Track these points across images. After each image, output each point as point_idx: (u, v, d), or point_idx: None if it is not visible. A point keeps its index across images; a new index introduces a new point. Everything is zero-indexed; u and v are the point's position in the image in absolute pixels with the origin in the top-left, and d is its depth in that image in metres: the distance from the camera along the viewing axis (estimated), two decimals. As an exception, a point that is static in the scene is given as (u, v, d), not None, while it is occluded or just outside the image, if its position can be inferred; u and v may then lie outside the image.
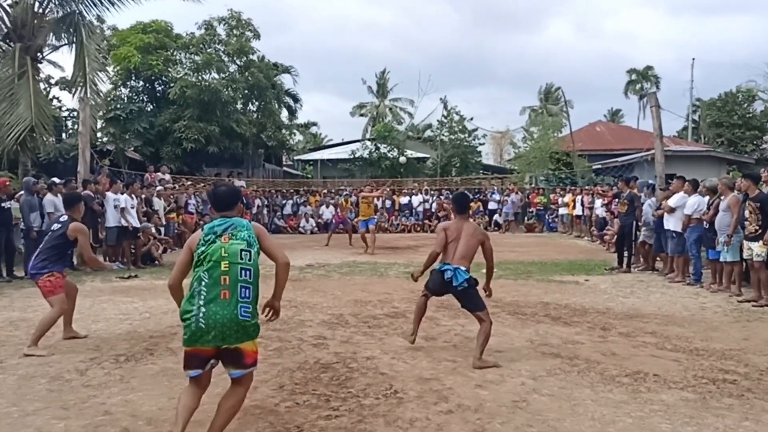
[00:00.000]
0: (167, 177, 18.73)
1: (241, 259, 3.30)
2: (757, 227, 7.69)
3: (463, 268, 5.17)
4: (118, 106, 24.02)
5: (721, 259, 8.63)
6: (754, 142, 28.41)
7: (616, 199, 12.93)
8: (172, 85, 24.51)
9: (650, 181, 13.04)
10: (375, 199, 16.70)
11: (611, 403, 4.11)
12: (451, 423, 3.78)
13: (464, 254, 5.24)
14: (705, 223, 9.09)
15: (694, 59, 51.09)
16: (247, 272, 3.30)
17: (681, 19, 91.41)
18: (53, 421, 3.80)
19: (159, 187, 15.17)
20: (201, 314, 3.21)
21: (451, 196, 6.03)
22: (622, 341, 5.89)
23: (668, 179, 12.56)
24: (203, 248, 3.34)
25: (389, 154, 30.59)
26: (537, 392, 4.36)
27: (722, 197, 8.67)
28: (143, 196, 13.07)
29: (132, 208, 11.57)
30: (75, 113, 21.94)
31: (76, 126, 23.05)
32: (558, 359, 5.23)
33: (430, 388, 4.44)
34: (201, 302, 3.22)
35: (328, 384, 4.54)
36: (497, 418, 3.85)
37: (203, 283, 3.25)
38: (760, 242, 7.57)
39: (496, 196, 23.59)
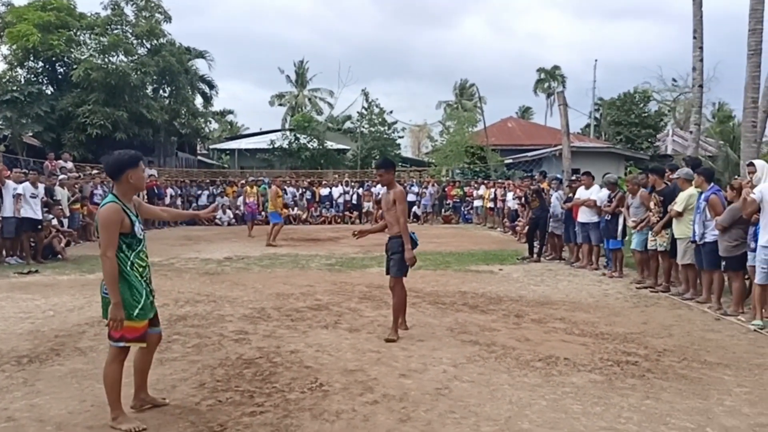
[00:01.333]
0: (69, 165, 17.54)
1: (99, 246, 3.50)
2: (659, 218, 8.32)
3: None
4: (15, 87, 22.18)
5: (632, 248, 9.22)
6: (649, 140, 30.63)
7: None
8: (75, 66, 22.93)
9: (557, 175, 13.77)
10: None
11: (527, 387, 4.33)
12: (377, 413, 3.84)
13: None
14: (607, 214, 9.75)
15: (596, 61, 54.48)
16: None
17: (585, 23, 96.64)
18: (-52, 431, 3.49)
19: (62, 176, 14.15)
20: None
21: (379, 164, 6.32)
22: (534, 327, 6.21)
23: (574, 173, 13.32)
24: None
25: (309, 145, 30.32)
26: (458, 379, 4.52)
27: (632, 196, 9.26)
28: (45, 185, 12.13)
29: (32, 197, 10.70)
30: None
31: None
32: (477, 346, 5.43)
33: (356, 380, 4.48)
34: None
35: (252, 380, 4.46)
36: (422, 406, 3.95)
37: None
38: (660, 232, 8.19)
39: (415, 189, 24.02)
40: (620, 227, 9.67)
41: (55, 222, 11.80)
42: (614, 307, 7.34)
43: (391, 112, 32.87)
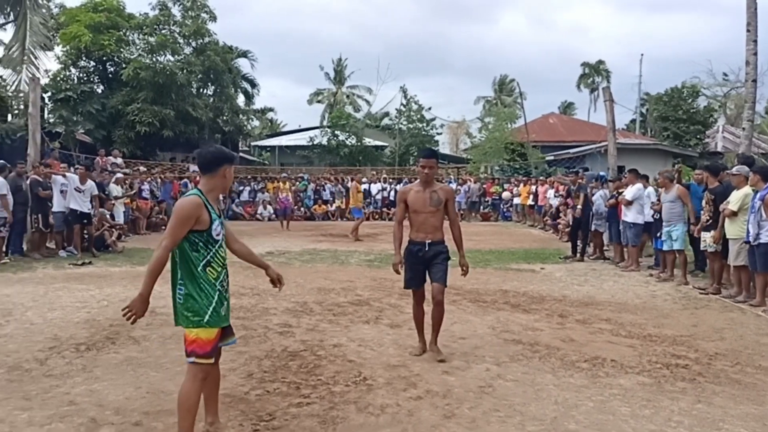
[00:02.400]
0: (119, 161, 18.16)
1: None
2: (709, 217, 8.08)
3: None
4: (68, 86, 23.04)
5: (666, 248, 9.04)
6: (698, 137, 29.65)
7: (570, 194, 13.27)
8: (124, 66, 23.68)
9: (601, 173, 13.49)
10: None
11: (573, 388, 4.28)
12: (422, 409, 3.87)
13: None
14: (656, 213, 9.52)
15: (642, 55, 52.66)
16: (177, 253, 3.16)
17: (630, 16, 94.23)
18: (16, 411, 3.69)
19: (119, 174, 14.70)
20: None
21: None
22: (579, 328, 6.12)
23: (619, 171, 13.04)
24: None
25: (348, 142, 30.53)
26: (502, 378, 4.50)
27: (664, 190, 9.08)
28: (95, 181, 12.57)
29: (77, 191, 11.06)
30: (21, 93, 20.88)
31: (20, 106, 22.01)
32: (520, 345, 5.39)
33: (399, 375, 4.52)
34: None
35: (297, 372, 4.56)
36: (465, 403, 3.96)
37: None
38: (711, 233, 7.95)
39: (453, 185, 23.88)
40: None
41: (107, 216, 12.22)
42: (662, 309, 7.16)
43: (429, 108, 32.81)
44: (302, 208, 22.58)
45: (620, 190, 10.72)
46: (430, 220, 4.96)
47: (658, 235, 9.31)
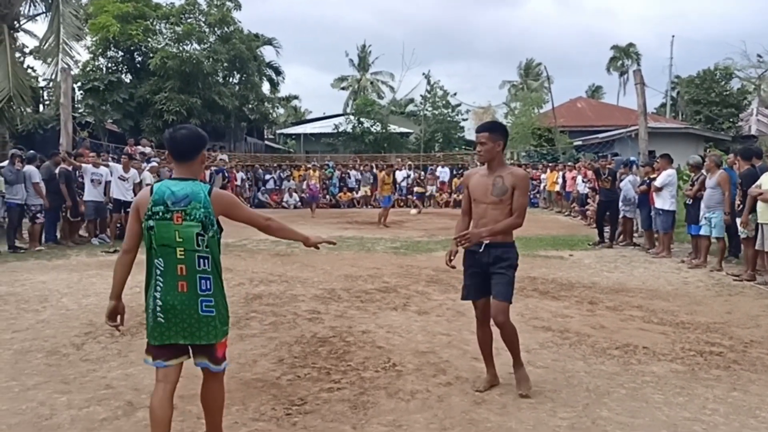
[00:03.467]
0: (148, 150, 18.41)
1: (198, 245, 2.76)
2: (740, 202, 7.89)
3: None
4: (97, 76, 23.41)
5: (704, 233, 8.85)
6: (731, 120, 28.87)
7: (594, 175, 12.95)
8: (152, 55, 23.95)
9: (632, 158, 13.22)
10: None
11: (604, 375, 4.24)
12: (452, 395, 3.87)
13: None
14: (688, 198, 9.31)
15: (673, 36, 51.37)
16: (205, 261, 2.79)
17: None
18: (55, 395, 3.80)
19: (153, 163, 14.92)
20: (158, 308, 2.80)
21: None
22: (609, 315, 6.04)
23: (649, 155, 12.76)
24: (152, 223, 2.76)
25: (372, 129, 30.48)
26: (532, 364, 4.46)
27: (709, 174, 8.86)
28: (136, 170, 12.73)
29: (121, 179, 11.26)
30: (52, 84, 21.30)
31: (53, 97, 22.46)
32: (549, 332, 5.35)
33: (428, 361, 4.53)
34: (158, 294, 2.81)
35: (327, 357, 4.60)
36: (495, 390, 3.95)
37: (159, 272, 2.80)
38: (739, 219, 7.77)
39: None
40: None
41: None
42: (695, 296, 7.02)
43: (455, 94, 32.52)
44: (328, 196, 22.69)
45: (651, 176, 10.49)
46: (490, 213, 3.86)
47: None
